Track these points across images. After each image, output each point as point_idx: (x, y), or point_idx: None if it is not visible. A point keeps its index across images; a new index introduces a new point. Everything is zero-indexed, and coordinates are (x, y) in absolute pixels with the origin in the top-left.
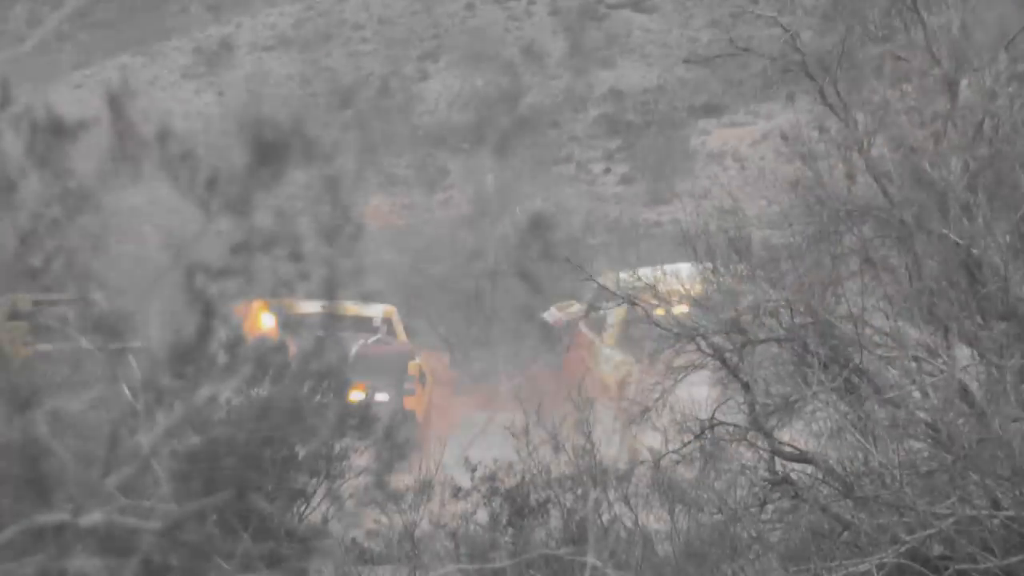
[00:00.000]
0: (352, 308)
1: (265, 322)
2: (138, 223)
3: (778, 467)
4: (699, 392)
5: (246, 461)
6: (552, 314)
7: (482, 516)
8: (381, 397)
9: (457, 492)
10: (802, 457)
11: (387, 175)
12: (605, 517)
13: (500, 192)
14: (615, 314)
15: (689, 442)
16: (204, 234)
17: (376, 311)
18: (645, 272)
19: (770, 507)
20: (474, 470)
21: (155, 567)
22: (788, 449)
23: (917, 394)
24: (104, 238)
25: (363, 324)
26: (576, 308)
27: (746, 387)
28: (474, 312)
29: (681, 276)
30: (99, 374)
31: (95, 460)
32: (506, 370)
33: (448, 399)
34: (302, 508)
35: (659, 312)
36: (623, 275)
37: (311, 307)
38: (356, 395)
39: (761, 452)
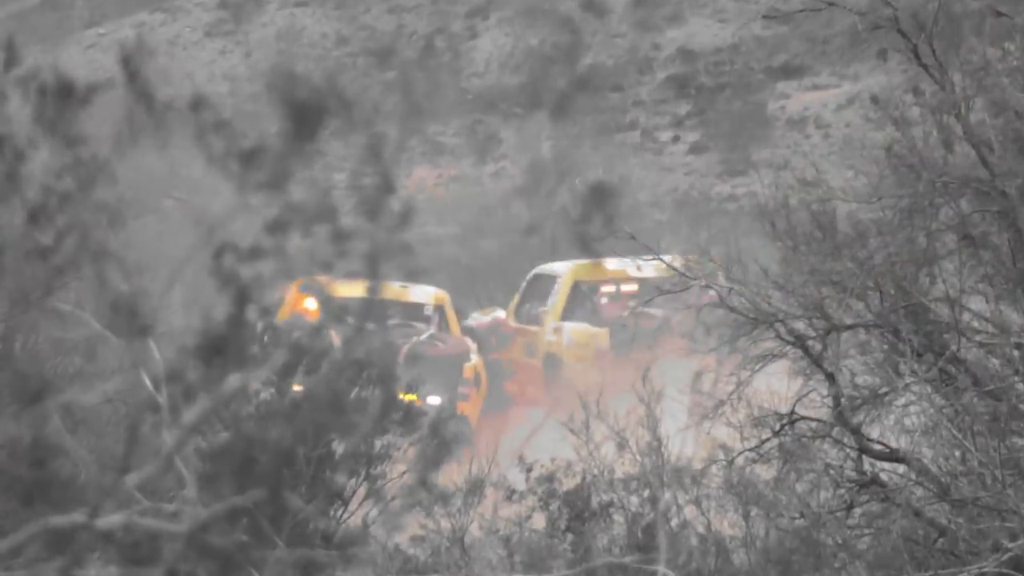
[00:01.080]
0: (397, 290)
1: (308, 306)
2: (157, 194)
3: (866, 467)
4: (778, 384)
5: (279, 459)
6: (475, 318)
7: (538, 521)
8: (433, 400)
9: (511, 494)
10: (893, 456)
11: (432, 143)
12: (674, 522)
13: (557, 162)
14: (561, 286)
15: (767, 439)
16: (237, 212)
17: (425, 296)
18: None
19: (857, 511)
20: (529, 470)
21: (179, 574)
22: (877, 447)
23: (1021, 385)
24: (121, 211)
25: (413, 312)
26: (499, 312)
27: (830, 378)
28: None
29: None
30: (116, 363)
31: (113, 458)
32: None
33: (500, 390)
34: (340, 511)
35: (607, 290)
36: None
37: (354, 290)
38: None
39: (847, 450)
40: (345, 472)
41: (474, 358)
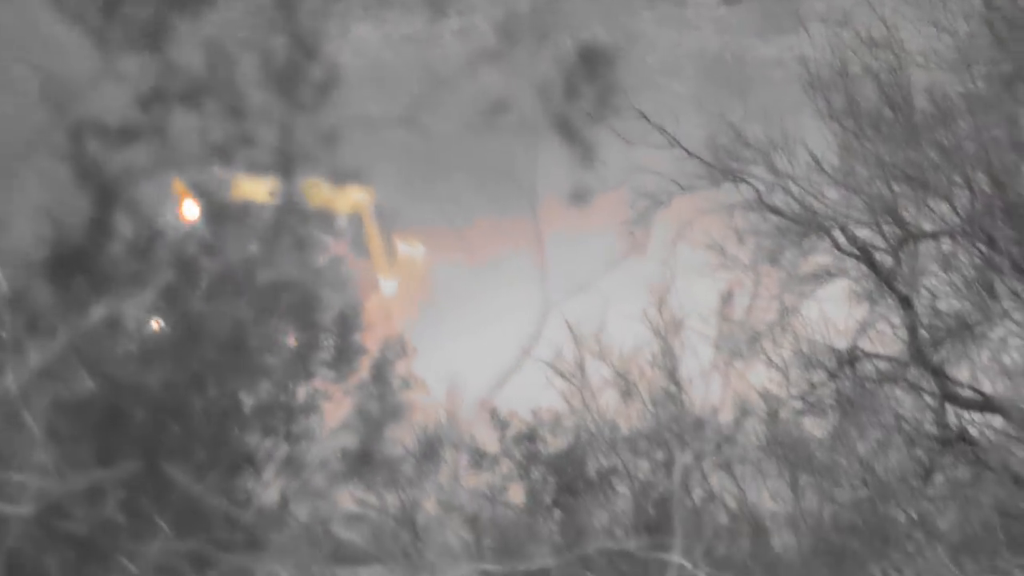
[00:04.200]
0: (317, 190)
1: (189, 211)
2: (2, 58)
3: (950, 419)
4: (835, 311)
5: (164, 415)
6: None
7: (516, 493)
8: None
9: (479, 458)
10: (986, 404)
11: None
12: (697, 494)
13: (539, 15)
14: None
15: (820, 383)
16: (100, 79)
17: (345, 202)
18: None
19: (939, 478)
20: (504, 426)
21: (24, 569)
22: (966, 393)
23: None
24: None
25: (322, 223)
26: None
27: (905, 302)
28: (502, 188)
29: None
30: None
31: None
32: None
33: (462, 307)
34: (250, 483)
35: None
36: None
37: (257, 189)
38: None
39: (926, 397)
40: (257, 431)
41: (391, 287)
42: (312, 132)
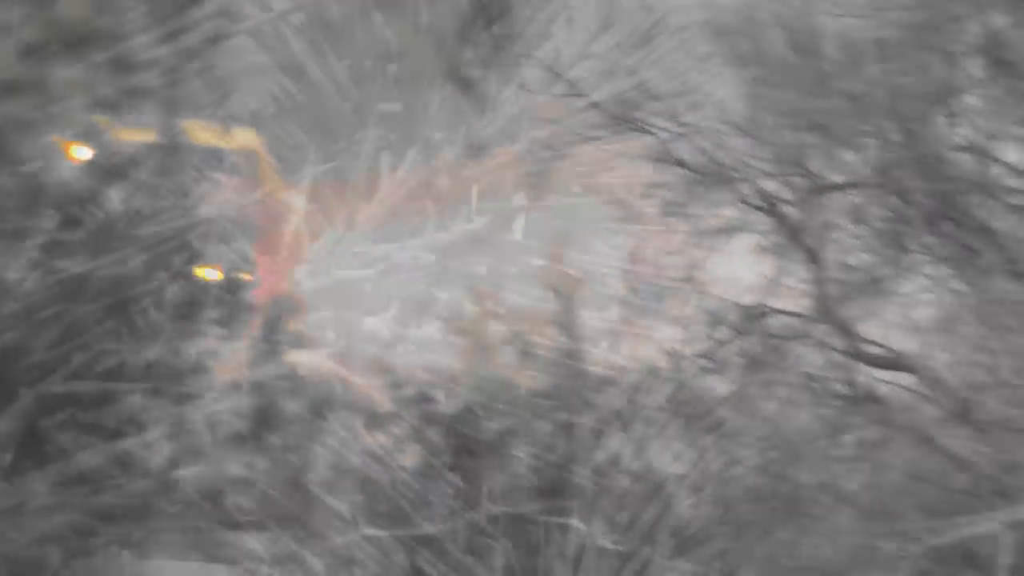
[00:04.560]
0: (201, 133)
1: (79, 153)
2: None
3: (859, 377)
4: (741, 266)
5: (41, 372)
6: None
7: (411, 456)
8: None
9: (373, 419)
10: (895, 362)
11: None
12: (598, 456)
13: None
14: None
15: (725, 341)
16: None
17: (234, 140)
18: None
19: (847, 438)
20: (397, 386)
21: None
22: (874, 350)
23: None
24: None
25: (211, 160)
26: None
27: (812, 257)
28: (395, 140)
29: None
30: None
31: None
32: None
33: (354, 262)
34: (136, 447)
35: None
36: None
37: (143, 135)
38: (210, 273)
39: (834, 355)
40: (142, 392)
41: (296, 221)
42: (199, 81)
